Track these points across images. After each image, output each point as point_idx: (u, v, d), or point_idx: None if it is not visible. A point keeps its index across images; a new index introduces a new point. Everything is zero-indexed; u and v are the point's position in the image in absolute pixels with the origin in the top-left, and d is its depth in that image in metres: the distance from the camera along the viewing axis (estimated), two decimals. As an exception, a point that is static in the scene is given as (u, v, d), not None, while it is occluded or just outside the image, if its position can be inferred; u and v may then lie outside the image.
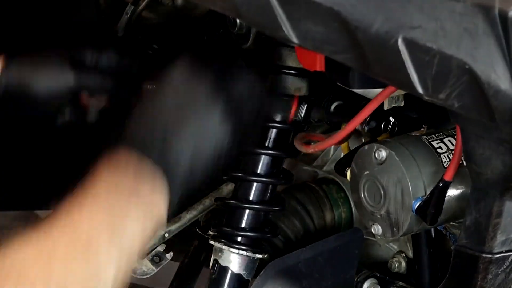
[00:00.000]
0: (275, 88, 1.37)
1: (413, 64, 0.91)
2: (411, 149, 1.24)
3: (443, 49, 0.90)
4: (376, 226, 1.29)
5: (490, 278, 1.15)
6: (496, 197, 1.10)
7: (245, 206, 1.36)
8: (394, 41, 0.90)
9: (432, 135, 1.28)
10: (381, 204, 1.27)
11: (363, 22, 0.89)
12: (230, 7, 0.92)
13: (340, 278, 1.38)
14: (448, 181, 1.20)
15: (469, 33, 0.90)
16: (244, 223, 1.36)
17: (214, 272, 1.37)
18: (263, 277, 1.31)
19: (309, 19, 0.90)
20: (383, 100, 1.24)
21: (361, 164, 1.28)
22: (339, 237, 1.38)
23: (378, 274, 1.46)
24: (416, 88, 0.92)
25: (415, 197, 1.22)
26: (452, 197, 1.24)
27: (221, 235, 1.37)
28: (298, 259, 1.34)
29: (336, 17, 0.90)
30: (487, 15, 0.89)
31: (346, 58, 0.94)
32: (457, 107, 0.93)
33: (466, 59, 0.90)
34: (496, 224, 1.11)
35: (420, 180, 1.23)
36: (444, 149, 1.26)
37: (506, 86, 0.91)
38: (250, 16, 0.93)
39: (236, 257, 1.36)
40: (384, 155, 1.24)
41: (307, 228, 1.50)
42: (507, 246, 1.13)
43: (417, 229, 1.27)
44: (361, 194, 1.29)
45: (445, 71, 0.91)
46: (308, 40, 0.92)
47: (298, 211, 1.50)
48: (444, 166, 1.24)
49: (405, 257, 1.48)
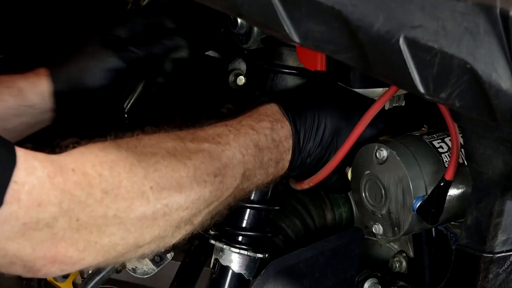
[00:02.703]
0: (275, 87, 1.37)
1: (414, 64, 0.91)
2: (412, 148, 1.24)
3: (444, 49, 0.90)
4: (377, 225, 1.29)
5: (491, 278, 1.15)
6: (497, 196, 1.10)
7: (246, 205, 1.36)
8: (395, 41, 0.90)
9: (433, 135, 1.28)
10: (382, 203, 1.27)
11: (364, 22, 0.89)
12: (231, 6, 0.92)
13: (341, 278, 1.38)
14: (449, 180, 1.20)
15: (470, 33, 0.90)
16: (245, 222, 1.36)
17: (215, 272, 1.37)
18: (264, 277, 1.31)
19: (310, 18, 0.90)
20: (368, 122, 1.24)
21: (362, 163, 1.28)
22: (340, 237, 1.38)
23: (379, 273, 1.46)
24: (417, 88, 0.92)
25: (416, 196, 1.22)
26: (453, 197, 1.24)
27: (222, 235, 1.37)
28: (299, 259, 1.34)
29: (337, 17, 0.89)
30: (488, 14, 0.89)
31: (347, 58, 0.94)
32: (458, 107, 0.93)
33: (467, 59, 0.90)
34: (497, 224, 1.11)
35: (421, 179, 1.23)
36: (445, 148, 1.26)
37: (507, 85, 0.91)
38: (251, 15, 0.93)
39: (237, 257, 1.36)
40: (385, 154, 1.24)
41: (307, 227, 1.50)
42: (508, 246, 1.13)
43: (418, 229, 1.27)
44: (362, 193, 1.29)
45: (446, 70, 0.91)
46: (309, 40, 0.92)
47: (299, 210, 1.50)
48: (445, 165, 1.24)
49: (406, 256, 1.48)
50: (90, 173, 0.97)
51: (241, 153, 1.15)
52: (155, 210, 1.03)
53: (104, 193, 0.98)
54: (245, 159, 1.15)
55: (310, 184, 1.31)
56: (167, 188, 1.04)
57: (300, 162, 1.25)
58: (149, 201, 1.02)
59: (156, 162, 1.04)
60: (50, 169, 0.94)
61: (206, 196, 1.09)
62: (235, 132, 1.16)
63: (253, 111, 1.23)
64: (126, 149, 1.03)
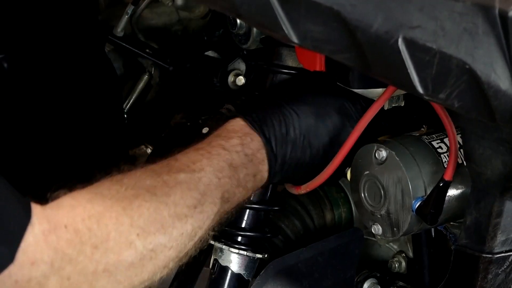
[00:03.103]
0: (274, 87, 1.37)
1: (413, 64, 0.91)
2: (411, 149, 1.24)
3: (443, 49, 0.90)
4: (376, 226, 1.29)
5: (490, 278, 1.15)
6: (496, 197, 1.10)
7: (245, 205, 1.36)
8: (394, 41, 0.90)
9: (432, 135, 1.28)
10: (381, 204, 1.27)
11: (363, 22, 0.89)
12: (230, 7, 0.92)
13: (340, 278, 1.38)
14: (448, 180, 1.20)
15: (469, 33, 0.90)
16: (244, 223, 1.36)
17: (214, 272, 1.37)
18: (263, 277, 1.31)
19: (309, 18, 0.90)
20: (366, 124, 1.24)
21: (361, 164, 1.28)
22: (339, 237, 1.38)
23: (378, 274, 1.46)
24: (416, 88, 0.92)
25: (415, 197, 1.22)
26: (452, 197, 1.24)
27: (221, 235, 1.37)
28: (298, 259, 1.34)
29: (336, 17, 0.89)
30: (487, 14, 0.89)
31: (346, 58, 0.94)
32: (457, 107, 0.93)
33: (466, 59, 0.90)
34: (496, 224, 1.11)
35: (420, 180, 1.23)
36: (444, 149, 1.26)
37: (506, 86, 0.91)
38: (250, 16, 0.93)
39: (236, 257, 1.36)
40: (384, 155, 1.24)
41: (307, 228, 1.50)
42: (507, 246, 1.13)
43: (417, 229, 1.27)
44: (361, 194, 1.29)
45: (445, 71, 0.91)
46: (307, 40, 0.92)
47: (298, 211, 1.50)
48: (444, 166, 1.24)
49: (405, 257, 1.48)
50: (81, 229, 0.98)
51: (217, 177, 1.14)
52: (142, 257, 1.04)
53: (94, 248, 0.99)
54: (221, 182, 1.15)
55: (307, 189, 1.31)
56: (152, 232, 1.05)
57: (279, 168, 1.24)
58: (137, 250, 1.03)
59: (139, 206, 1.05)
60: (45, 226, 0.95)
61: (188, 230, 1.10)
62: (207, 155, 1.16)
63: (221, 129, 1.23)
64: (110, 197, 1.04)
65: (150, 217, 1.05)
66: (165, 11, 1.70)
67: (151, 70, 1.70)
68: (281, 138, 1.23)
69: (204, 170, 1.14)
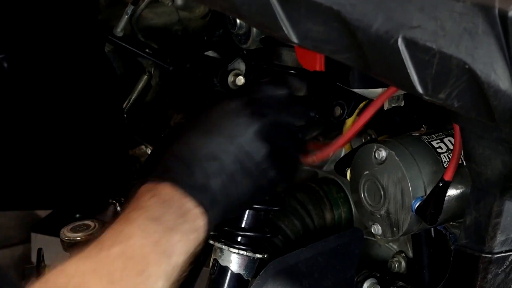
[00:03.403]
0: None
1: (413, 64, 0.91)
2: (411, 149, 1.24)
3: (442, 49, 0.90)
4: (376, 226, 1.29)
5: (490, 278, 1.15)
6: (496, 196, 1.10)
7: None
8: (394, 41, 0.90)
9: (432, 135, 1.28)
10: (381, 204, 1.27)
11: (363, 22, 0.89)
12: (230, 7, 0.92)
13: (340, 278, 1.38)
14: (448, 181, 1.20)
15: (469, 33, 0.90)
16: (244, 223, 1.36)
17: (214, 272, 1.37)
18: (263, 277, 1.31)
19: (309, 18, 0.90)
20: (382, 103, 1.23)
21: (361, 164, 1.28)
22: (339, 237, 1.38)
23: (378, 274, 1.46)
24: (416, 88, 0.92)
25: (415, 197, 1.22)
26: (452, 197, 1.24)
27: (221, 235, 1.37)
28: (298, 259, 1.34)
29: (336, 17, 0.90)
30: (487, 14, 0.89)
31: (346, 58, 0.94)
32: (457, 107, 0.94)
33: (466, 59, 0.90)
34: (496, 224, 1.11)
35: (420, 180, 1.23)
36: (444, 149, 1.26)
37: (506, 86, 0.91)
38: (250, 16, 0.93)
39: (236, 257, 1.36)
40: (384, 155, 1.24)
41: (307, 228, 1.50)
42: (507, 246, 1.13)
43: (417, 229, 1.27)
44: (361, 194, 1.29)
45: (445, 70, 0.91)
46: (308, 40, 0.92)
47: (298, 211, 1.50)
48: (444, 166, 1.24)
49: (405, 257, 1.48)
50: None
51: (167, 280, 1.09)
52: None
53: None
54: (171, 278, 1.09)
55: (315, 159, 1.26)
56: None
57: (220, 211, 1.15)
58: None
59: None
60: None
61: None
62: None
63: (133, 205, 1.12)
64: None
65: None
66: (165, 11, 1.69)
67: (151, 70, 1.70)
68: (209, 182, 1.13)
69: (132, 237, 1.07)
